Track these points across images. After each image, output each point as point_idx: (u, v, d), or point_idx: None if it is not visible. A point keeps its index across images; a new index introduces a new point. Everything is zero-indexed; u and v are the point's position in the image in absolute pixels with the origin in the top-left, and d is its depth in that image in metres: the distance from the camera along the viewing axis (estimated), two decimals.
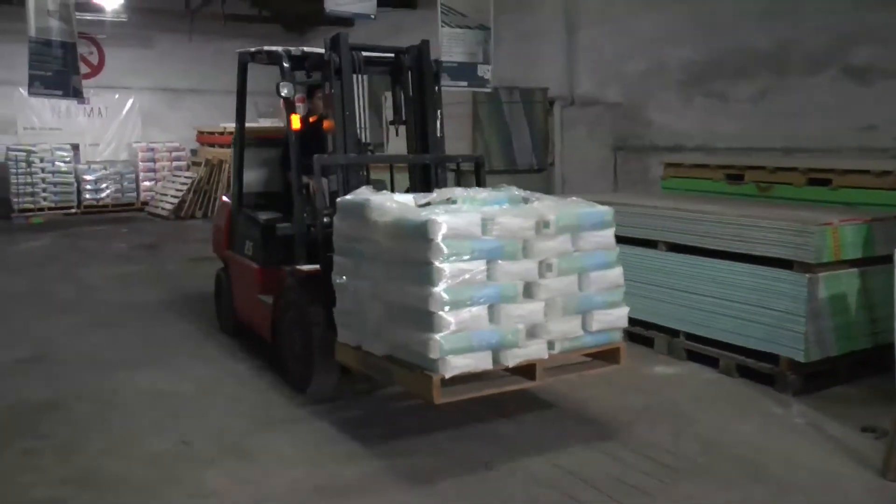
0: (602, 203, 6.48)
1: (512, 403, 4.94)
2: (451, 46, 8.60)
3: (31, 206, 15.65)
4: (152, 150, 17.19)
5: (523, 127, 10.43)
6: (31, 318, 7.47)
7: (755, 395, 5.11)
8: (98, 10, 13.99)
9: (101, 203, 16.46)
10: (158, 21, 16.39)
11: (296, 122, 5.49)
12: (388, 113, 6.35)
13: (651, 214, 6.10)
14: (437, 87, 5.70)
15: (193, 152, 17.19)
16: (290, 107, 5.46)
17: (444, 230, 3.70)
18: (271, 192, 6.31)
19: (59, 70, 8.03)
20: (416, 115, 5.76)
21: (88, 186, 16.35)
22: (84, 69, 13.48)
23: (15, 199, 15.53)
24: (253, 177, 6.52)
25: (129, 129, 17.71)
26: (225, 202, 6.93)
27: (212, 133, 15.93)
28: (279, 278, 5.50)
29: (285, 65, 5.51)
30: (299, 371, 5.19)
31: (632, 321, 6.16)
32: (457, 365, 3.74)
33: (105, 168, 16.70)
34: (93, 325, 7.15)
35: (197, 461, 4.20)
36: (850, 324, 5.17)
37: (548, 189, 10.39)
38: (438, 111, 5.70)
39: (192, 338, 6.68)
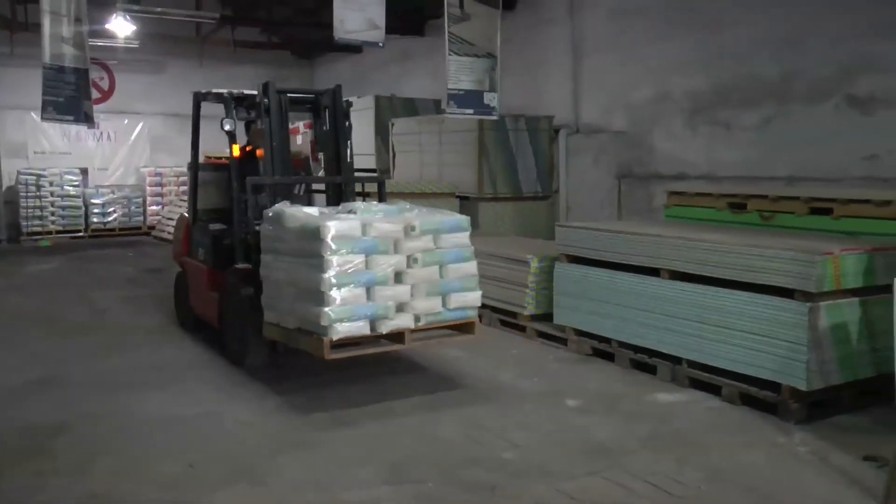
0: (604, 231, 6.67)
1: (517, 430, 4.99)
2: (458, 74, 8.70)
3: (40, 229, 15.74)
4: (160, 174, 17.31)
5: (528, 154, 10.53)
6: (40, 340, 7.54)
7: (758, 423, 5.14)
8: (110, 36, 14.16)
9: (108, 227, 16.55)
10: (169, 47, 16.56)
11: (236, 150, 6.67)
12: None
13: (654, 243, 6.16)
14: (347, 123, 6.89)
15: None
16: (231, 138, 6.61)
17: (332, 232, 4.96)
18: (222, 208, 7.26)
19: (72, 96, 8.12)
20: (331, 145, 6.93)
21: (96, 210, 16.46)
22: (95, 94, 13.65)
23: (24, 223, 15.65)
24: (208, 195, 7.55)
25: (137, 154, 17.85)
26: (184, 216, 8.04)
27: (220, 158, 15.98)
28: (224, 277, 6.62)
29: (229, 105, 6.67)
30: (238, 348, 6.42)
31: (635, 348, 6.28)
32: (341, 330, 4.98)
33: (113, 192, 16.82)
34: (102, 347, 7.22)
35: (207, 484, 4.25)
36: (852, 353, 5.20)
37: (553, 216, 10.48)
38: (349, 141, 6.92)
39: (199, 361, 6.74)
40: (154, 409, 5.48)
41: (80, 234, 16.25)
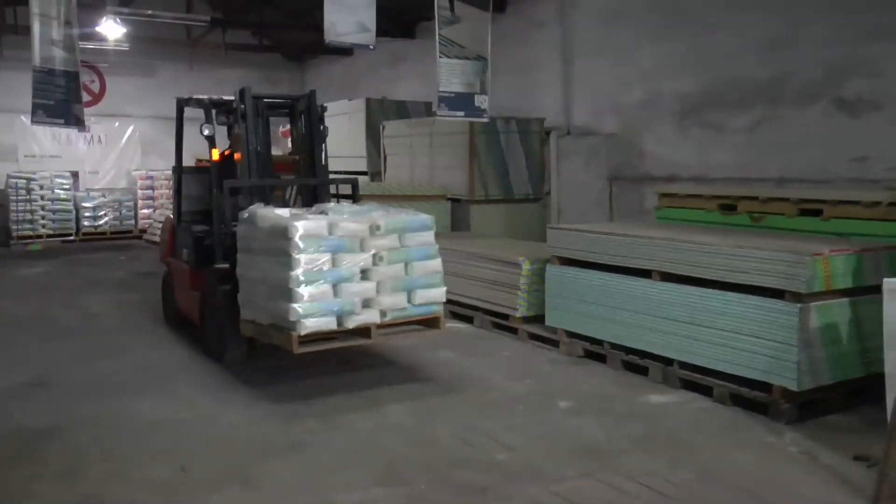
0: (596, 233, 6.68)
1: (509, 431, 5.00)
2: (448, 77, 8.71)
3: (30, 233, 15.68)
4: (151, 177, 17.23)
5: (520, 157, 10.55)
6: (32, 343, 7.52)
7: (749, 423, 5.17)
8: (101, 39, 14.12)
9: (99, 230, 16.49)
10: (160, 50, 16.52)
11: (215, 154, 6.89)
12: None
13: (645, 244, 6.18)
14: (322, 127, 7.06)
15: None
16: (211, 143, 6.83)
17: (300, 231, 5.17)
18: (204, 210, 7.39)
19: (62, 99, 8.08)
20: (306, 148, 7.12)
21: (87, 214, 16.39)
22: (85, 97, 13.55)
23: (14, 227, 15.58)
24: (192, 197, 7.74)
25: (128, 157, 17.75)
26: (170, 218, 8.21)
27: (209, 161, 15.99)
28: (205, 276, 6.80)
29: (210, 110, 6.84)
30: (217, 345, 6.58)
31: (627, 350, 6.30)
32: (309, 325, 5.20)
33: (104, 196, 16.76)
34: (93, 350, 7.19)
35: (199, 488, 4.24)
36: (842, 353, 5.23)
37: (544, 218, 10.49)
38: (323, 144, 7.07)
39: (190, 365, 6.72)
40: (145, 412, 5.46)
41: (71, 237, 16.19)
